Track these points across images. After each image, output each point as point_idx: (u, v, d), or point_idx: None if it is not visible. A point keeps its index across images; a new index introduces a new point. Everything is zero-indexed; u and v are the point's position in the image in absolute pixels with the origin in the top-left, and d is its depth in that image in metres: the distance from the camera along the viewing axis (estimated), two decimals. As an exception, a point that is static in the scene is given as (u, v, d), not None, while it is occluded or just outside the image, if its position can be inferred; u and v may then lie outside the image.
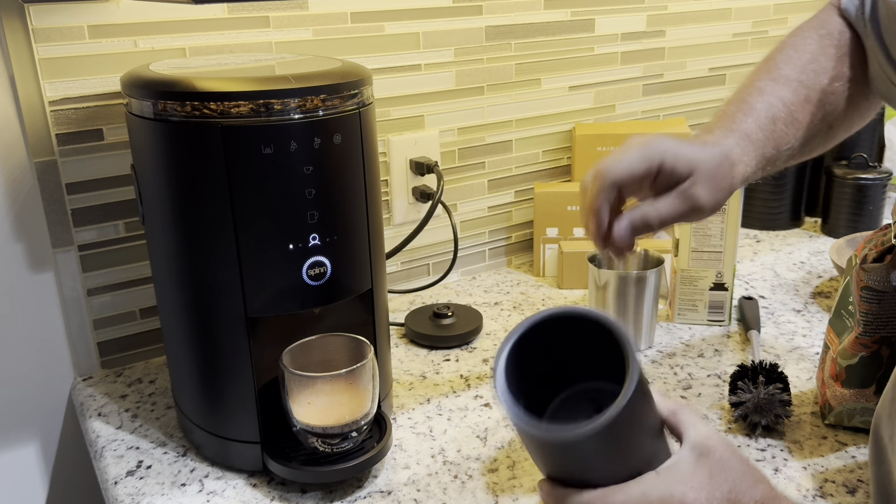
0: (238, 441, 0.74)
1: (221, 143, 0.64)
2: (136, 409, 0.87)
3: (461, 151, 1.14)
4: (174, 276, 0.72)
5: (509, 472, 0.74)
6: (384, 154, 1.07)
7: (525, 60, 1.15)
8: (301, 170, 0.66)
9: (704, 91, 1.37)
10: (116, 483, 0.75)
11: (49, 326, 0.92)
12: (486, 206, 1.19)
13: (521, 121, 1.18)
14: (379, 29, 1.01)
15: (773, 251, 1.26)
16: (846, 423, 0.77)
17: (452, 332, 0.98)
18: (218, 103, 0.64)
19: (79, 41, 0.84)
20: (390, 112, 1.06)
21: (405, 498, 0.71)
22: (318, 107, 0.66)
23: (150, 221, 0.74)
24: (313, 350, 0.74)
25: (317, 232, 0.69)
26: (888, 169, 1.31)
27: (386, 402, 0.81)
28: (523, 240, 1.25)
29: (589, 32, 1.20)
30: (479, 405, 0.86)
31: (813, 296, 1.09)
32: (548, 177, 1.24)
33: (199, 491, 0.73)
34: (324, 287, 0.70)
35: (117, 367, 0.96)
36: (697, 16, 1.31)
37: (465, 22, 1.08)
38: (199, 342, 0.73)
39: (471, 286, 1.17)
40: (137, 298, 0.95)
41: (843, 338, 0.76)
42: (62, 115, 0.85)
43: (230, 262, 0.68)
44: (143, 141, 0.70)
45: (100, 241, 0.91)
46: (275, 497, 0.72)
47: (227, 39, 0.92)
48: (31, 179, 0.87)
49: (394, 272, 1.14)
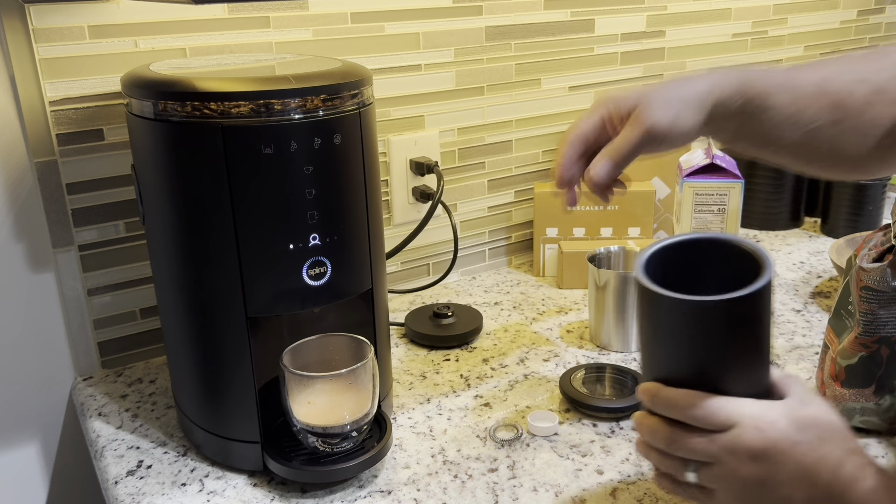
0: (238, 441, 0.74)
1: (222, 143, 0.64)
2: (137, 408, 0.87)
3: (461, 151, 1.14)
4: (174, 276, 0.72)
5: (509, 472, 0.74)
6: (384, 154, 1.07)
7: (525, 60, 1.15)
8: (301, 170, 0.66)
9: (704, 91, 1.37)
10: (117, 483, 0.75)
11: (49, 326, 0.92)
12: (486, 206, 1.20)
13: (521, 121, 1.18)
14: (379, 29, 1.02)
15: (772, 251, 1.26)
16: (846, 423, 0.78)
17: (452, 332, 0.98)
18: (218, 103, 0.64)
19: (79, 41, 0.84)
20: (390, 112, 1.06)
21: (405, 498, 0.71)
22: (319, 107, 0.66)
23: (150, 221, 0.74)
24: (313, 350, 0.74)
25: (317, 232, 0.69)
26: (888, 169, 1.31)
27: (386, 401, 0.81)
28: (523, 240, 1.25)
29: (589, 32, 1.20)
30: (479, 405, 0.86)
31: (813, 296, 1.09)
32: (548, 177, 1.24)
33: (199, 491, 0.73)
34: (324, 287, 0.71)
35: (117, 367, 0.96)
36: (697, 16, 1.31)
37: (465, 22, 1.08)
38: (199, 342, 0.73)
39: (471, 286, 1.17)
40: (138, 298, 0.95)
41: (843, 338, 0.76)
42: (62, 115, 0.85)
43: (230, 262, 0.68)
44: (144, 141, 0.70)
45: (100, 241, 0.91)
46: (275, 497, 0.72)
47: (228, 40, 0.92)
48: (32, 179, 0.87)
49: (394, 272, 1.14)
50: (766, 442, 0.52)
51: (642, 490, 0.71)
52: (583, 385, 0.86)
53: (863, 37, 1.59)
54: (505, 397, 0.87)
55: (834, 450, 0.52)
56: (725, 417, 0.54)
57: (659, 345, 0.57)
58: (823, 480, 0.51)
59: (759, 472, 0.53)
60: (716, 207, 0.94)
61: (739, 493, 0.54)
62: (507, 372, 0.92)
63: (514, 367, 0.93)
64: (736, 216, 0.94)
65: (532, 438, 0.79)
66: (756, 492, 0.53)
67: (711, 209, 0.94)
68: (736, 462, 0.53)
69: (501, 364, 0.94)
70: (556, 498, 0.70)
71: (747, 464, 0.53)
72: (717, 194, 0.94)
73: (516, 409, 0.84)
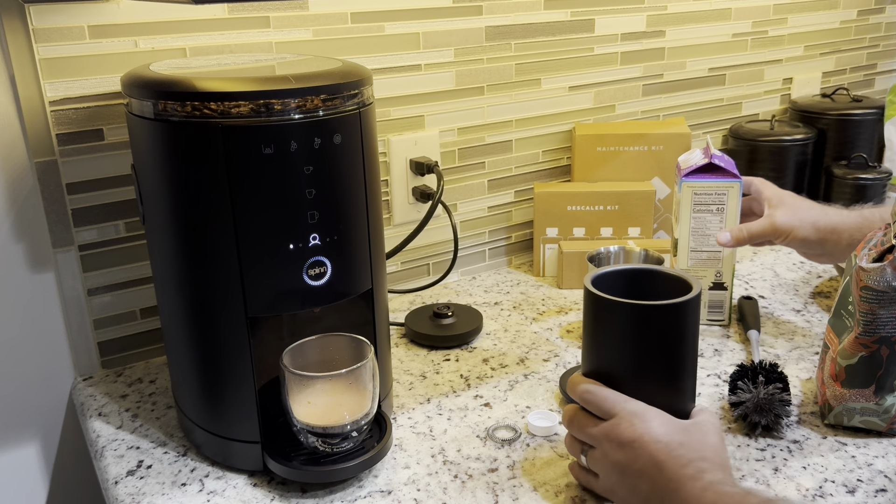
0: (238, 441, 0.74)
1: (222, 143, 0.64)
2: (137, 408, 0.87)
3: (461, 151, 1.14)
4: (174, 275, 0.72)
5: (509, 472, 0.74)
6: (384, 154, 1.07)
7: (525, 60, 1.15)
8: (301, 170, 0.66)
9: (704, 91, 1.38)
10: (117, 483, 0.75)
11: (49, 326, 0.92)
12: (486, 206, 1.20)
13: (521, 121, 1.18)
14: (379, 29, 1.02)
15: (772, 251, 1.26)
16: (846, 423, 0.78)
17: (452, 331, 0.98)
18: (218, 103, 0.64)
19: (79, 41, 0.84)
20: (390, 112, 1.06)
21: (405, 498, 0.71)
22: (319, 107, 0.66)
23: (150, 221, 0.74)
24: (313, 350, 0.74)
25: (317, 232, 0.69)
26: (888, 169, 1.31)
27: (386, 401, 0.81)
28: (523, 240, 1.25)
29: (589, 32, 1.20)
30: (479, 405, 0.86)
31: (813, 296, 1.09)
32: (548, 177, 1.24)
33: (199, 491, 0.73)
34: (324, 287, 0.71)
35: (118, 367, 0.96)
36: (697, 16, 1.31)
37: (465, 22, 1.08)
38: (199, 342, 0.73)
39: (471, 286, 1.17)
40: (138, 298, 0.95)
41: (843, 338, 0.76)
42: (62, 115, 0.85)
43: (230, 262, 0.68)
44: (144, 141, 0.70)
45: (100, 241, 0.91)
46: (275, 497, 0.72)
47: (228, 39, 0.92)
48: (32, 179, 0.87)
49: (394, 272, 1.14)
50: (633, 434, 0.62)
51: (642, 490, 0.71)
52: (583, 385, 0.86)
53: (863, 37, 1.59)
54: (505, 397, 0.87)
55: (687, 453, 0.60)
56: (610, 407, 0.65)
57: (587, 341, 0.69)
58: (665, 476, 0.60)
59: (622, 459, 0.63)
60: (714, 207, 0.94)
61: (608, 476, 0.65)
62: (507, 372, 0.92)
63: (514, 367, 0.93)
64: (735, 215, 0.94)
65: (532, 438, 0.79)
66: (618, 477, 0.64)
67: (710, 209, 0.95)
68: (608, 447, 0.64)
69: (501, 364, 0.94)
70: (556, 498, 0.70)
71: (616, 450, 0.63)
72: (715, 194, 0.94)
73: (516, 409, 0.84)
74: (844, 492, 0.70)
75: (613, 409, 0.65)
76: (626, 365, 0.67)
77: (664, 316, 0.65)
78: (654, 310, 0.64)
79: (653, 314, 0.64)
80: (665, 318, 0.65)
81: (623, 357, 0.67)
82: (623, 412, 0.64)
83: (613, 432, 0.64)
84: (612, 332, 0.66)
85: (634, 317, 0.65)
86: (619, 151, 1.20)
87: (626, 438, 0.63)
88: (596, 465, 0.66)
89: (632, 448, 0.62)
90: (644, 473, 0.61)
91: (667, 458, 0.60)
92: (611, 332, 0.67)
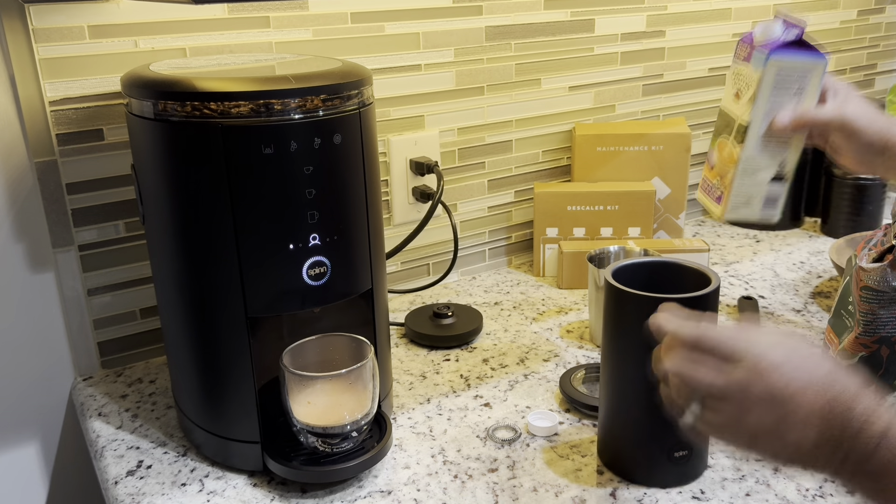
0: (238, 441, 0.74)
1: (221, 143, 0.64)
2: (137, 408, 0.87)
3: (461, 151, 1.14)
4: (174, 276, 0.72)
5: (509, 472, 0.74)
6: (384, 154, 1.07)
7: (525, 60, 1.15)
8: (301, 170, 0.66)
9: (704, 91, 1.37)
10: (117, 483, 0.75)
11: (49, 326, 0.92)
12: (486, 206, 1.20)
13: (521, 121, 1.18)
14: (379, 29, 1.02)
15: (772, 251, 1.26)
16: (846, 423, 0.77)
17: (452, 332, 0.98)
18: (218, 103, 0.64)
19: (79, 41, 0.84)
20: (390, 112, 1.06)
21: (405, 498, 0.71)
22: (319, 107, 0.66)
23: (150, 221, 0.74)
24: (313, 350, 0.74)
25: (317, 232, 0.69)
26: (888, 169, 1.31)
27: (386, 401, 0.81)
28: (523, 240, 1.25)
29: (589, 32, 1.20)
30: (479, 405, 0.86)
31: (813, 296, 1.09)
32: (548, 177, 1.24)
33: (199, 491, 0.73)
34: (324, 287, 0.70)
35: (117, 367, 0.96)
36: (697, 16, 1.31)
37: (465, 22, 1.08)
38: (199, 342, 0.73)
39: (471, 286, 1.17)
40: (137, 298, 0.95)
41: (843, 338, 0.76)
42: (62, 115, 0.85)
43: (230, 262, 0.68)
44: (144, 141, 0.70)
45: (100, 241, 0.91)
46: (275, 497, 0.72)
47: (228, 39, 0.92)
48: (32, 179, 0.87)
49: (394, 272, 1.14)
50: (782, 383, 0.52)
51: (642, 490, 0.71)
52: (583, 385, 0.86)
53: (863, 37, 1.59)
54: (505, 397, 0.87)
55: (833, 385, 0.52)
56: (737, 349, 0.55)
57: (606, 333, 0.71)
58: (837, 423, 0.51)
59: (767, 412, 0.53)
60: (796, 87, 0.80)
61: (744, 429, 0.54)
62: (507, 372, 0.92)
63: (514, 367, 0.93)
64: (813, 101, 0.81)
65: (532, 438, 0.79)
66: (768, 432, 0.53)
67: (790, 90, 0.81)
68: (746, 399, 0.53)
69: (501, 364, 0.94)
70: (556, 498, 0.70)
71: (758, 403, 0.53)
72: (799, 74, 0.80)
73: (516, 410, 0.84)
74: (844, 491, 0.70)
75: (740, 352, 0.54)
76: (645, 358, 0.65)
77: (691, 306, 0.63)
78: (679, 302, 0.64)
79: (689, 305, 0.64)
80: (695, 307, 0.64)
81: (642, 350, 0.66)
82: (749, 356, 0.54)
83: (754, 381, 0.53)
84: (632, 325, 0.67)
85: (653, 310, 0.63)
86: (619, 151, 1.20)
87: (776, 390, 0.52)
88: (723, 418, 0.55)
89: (783, 402, 0.52)
90: (808, 423, 0.51)
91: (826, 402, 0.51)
92: (629, 324, 0.68)
